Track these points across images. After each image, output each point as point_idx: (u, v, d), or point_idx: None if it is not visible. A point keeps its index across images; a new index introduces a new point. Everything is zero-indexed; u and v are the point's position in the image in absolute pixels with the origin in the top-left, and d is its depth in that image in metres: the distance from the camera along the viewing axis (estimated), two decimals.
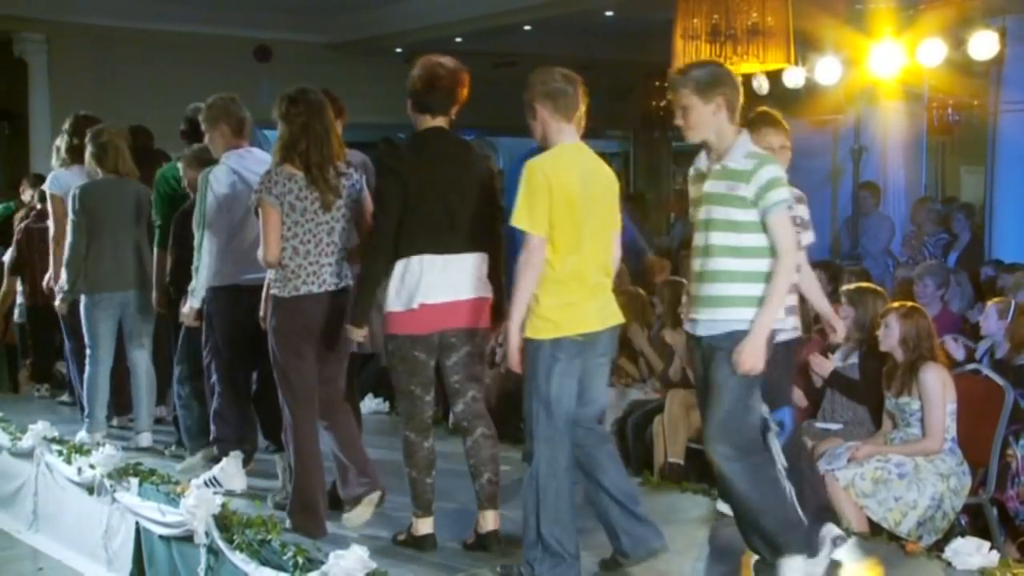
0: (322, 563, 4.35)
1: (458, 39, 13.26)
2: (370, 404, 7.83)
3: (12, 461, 7.16)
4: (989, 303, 6.57)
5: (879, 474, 5.30)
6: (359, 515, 5.01)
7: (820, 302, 4.98)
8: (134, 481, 5.82)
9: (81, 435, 6.82)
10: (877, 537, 5.07)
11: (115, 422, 7.19)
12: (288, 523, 5.02)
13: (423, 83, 4.76)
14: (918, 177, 12.32)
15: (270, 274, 5.05)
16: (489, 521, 4.78)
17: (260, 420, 5.82)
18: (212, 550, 4.99)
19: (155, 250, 6.59)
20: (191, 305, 5.82)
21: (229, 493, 5.53)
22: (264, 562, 4.67)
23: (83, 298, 6.88)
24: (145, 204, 6.83)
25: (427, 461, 4.79)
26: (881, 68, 9.83)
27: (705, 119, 4.19)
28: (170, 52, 12.95)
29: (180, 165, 6.45)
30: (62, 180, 7.32)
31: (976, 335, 6.80)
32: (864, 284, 6.47)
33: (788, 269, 4.15)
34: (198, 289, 5.74)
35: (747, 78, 9.64)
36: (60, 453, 6.59)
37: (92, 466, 6.11)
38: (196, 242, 5.73)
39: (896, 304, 5.72)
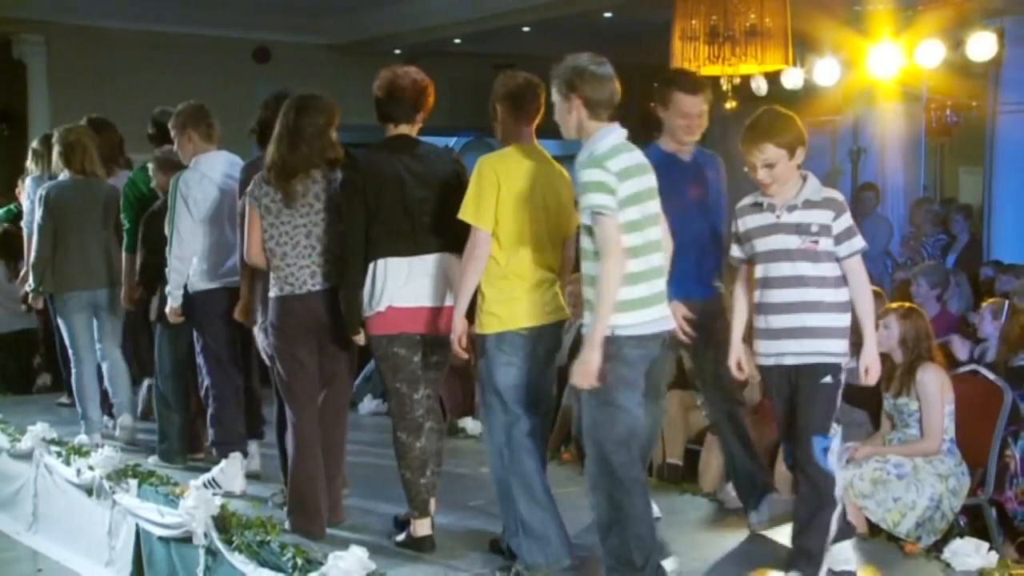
0: (321, 564, 4.35)
1: (457, 40, 13.26)
2: (368, 405, 7.83)
3: (11, 463, 7.15)
4: (984, 304, 6.57)
5: (878, 475, 5.29)
6: None
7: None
8: (133, 483, 5.82)
9: (81, 437, 6.85)
10: (876, 538, 5.07)
11: (109, 423, 7.19)
12: (287, 524, 5.02)
13: (384, 93, 4.86)
14: (917, 178, 12.32)
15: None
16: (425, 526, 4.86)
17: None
18: (211, 551, 4.98)
19: (123, 253, 6.72)
20: (171, 305, 5.97)
21: (228, 495, 5.56)
22: (263, 563, 4.66)
23: (52, 299, 7.03)
24: (113, 204, 6.88)
25: (420, 461, 4.81)
26: (879, 69, 9.84)
27: None
28: (169, 53, 12.95)
29: (150, 167, 6.55)
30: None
31: (976, 336, 6.79)
32: None
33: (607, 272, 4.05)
34: (172, 289, 5.94)
35: (745, 79, 9.66)
36: (59, 455, 6.58)
37: (91, 467, 6.11)
38: (168, 246, 5.90)
39: (895, 305, 5.72)
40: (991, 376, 5.78)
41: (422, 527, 4.83)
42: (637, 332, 4.12)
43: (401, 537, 4.91)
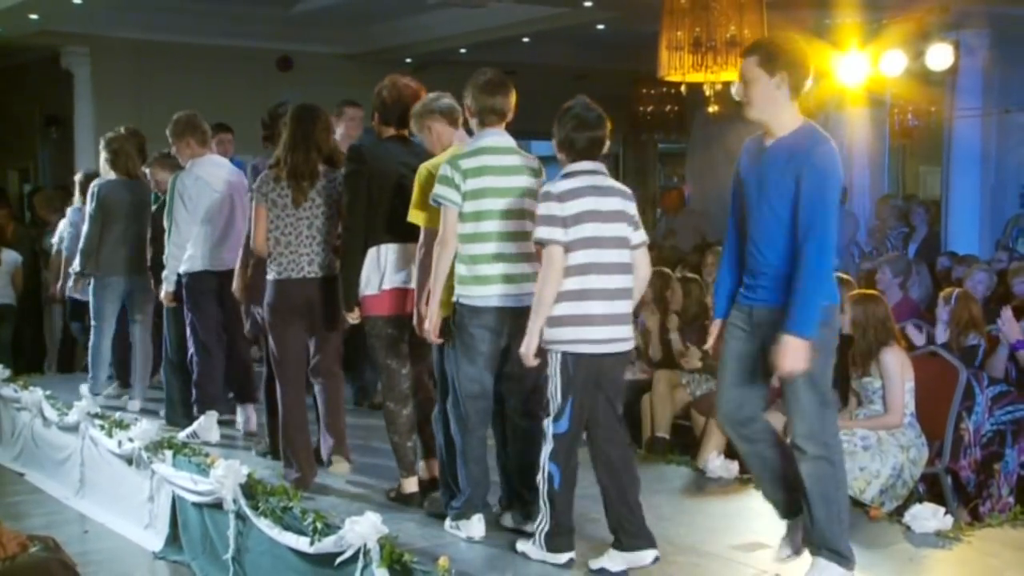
0: (339, 528, 4.35)
1: (462, 50, 13.22)
2: None
3: (60, 434, 7.17)
4: (942, 292, 6.55)
5: (845, 447, 5.26)
6: (339, 468, 5.39)
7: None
8: (168, 453, 5.82)
9: (83, 388, 7.15)
10: None
11: (113, 390, 7.50)
12: (282, 477, 5.24)
13: (391, 99, 5.00)
14: (881, 176, 12.31)
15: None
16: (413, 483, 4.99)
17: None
18: (239, 516, 5.00)
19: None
20: (166, 290, 6.34)
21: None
22: (286, 527, 4.67)
23: (93, 280, 7.24)
24: (148, 202, 7.08)
25: (407, 427, 4.96)
26: (847, 77, 9.82)
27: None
28: (201, 62, 12.92)
29: (146, 170, 6.87)
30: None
31: (933, 320, 6.78)
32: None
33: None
34: (168, 274, 6.29)
35: (727, 85, 9.63)
36: (102, 427, 6.58)
37: (131, 439, 6.11)
38: (167, 236, 6.24)
39: (853, 292, 5.71)
40: (948, 356, 5.78)
41: (410, 484, 4.97)
42: (471, 304, 4.29)
43: (393, 495, 5.03)
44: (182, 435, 6.19)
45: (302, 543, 4.52)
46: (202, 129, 6.40)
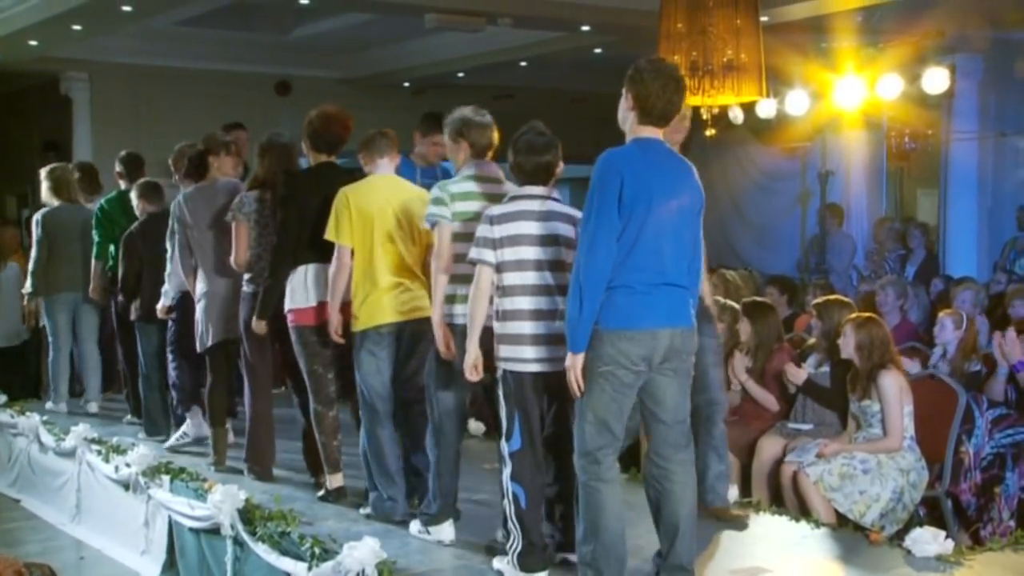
0: (337, 553, 4.32)
1: (460, 74, 13.26)
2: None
3: (56, 459, 7.13)
4: (942, 314, 6.54)
5: (845, 470, 5.27)
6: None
7: None
8: (166, 478, 5.79)
9: (49, 404, 7.83)
10: (844, 528, 5.04)
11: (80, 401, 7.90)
12: (244, 470, 5.79)
13: (322, 128, 5.36)
14: (879, 199, 12.34)
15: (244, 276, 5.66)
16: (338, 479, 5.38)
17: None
18: (237, 541, 4.96)
19: (94, 260, 7.48)
20: (163, 303, 6.59)
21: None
22: (284, 552, 4.64)
23: (44, 300, 7.85)
24: (89, 224, 7.56)
25: (332, 427, 5.32)
26: (845, 100, 9.86)
27: None
28: (199, 87, 12.96)
29: (133, 195, 7.14)
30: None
31: (931, 342, 6.77)
32: (832, 296, 6.46)
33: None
34: (169, 291, 6.54)
35: (724, 109, 9.65)
36: (99, 452, 6.56)
37: (128, 464, 6.08)
38: (168, 255, 6.51)
39: (853, 315, 5.70)
40: (948, 380, 5.77)
41: (336, 480, 5.35)
42: (458, 323, 4.41)
43: (322, 492, 5.38)
44: (172, 440, 6.56)
45: (300, 568, 4.48)
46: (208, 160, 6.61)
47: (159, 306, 6.63)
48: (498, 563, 4.30)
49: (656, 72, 3.91)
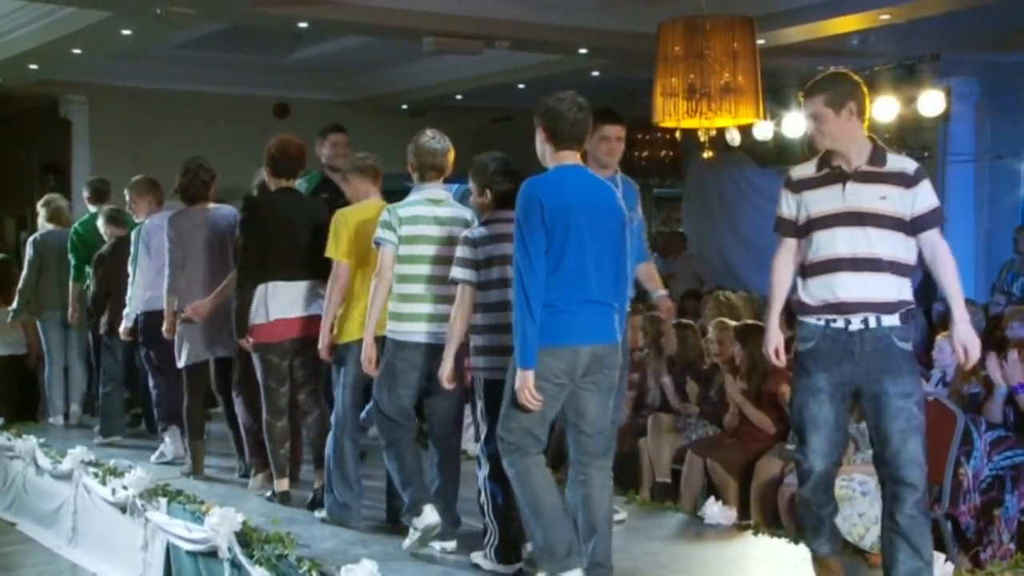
0: None
1: (458, 96, 13.30)
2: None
3: (53, 482, 7.11)
4: (940, 338, 6.52)
5: (844, 492, 5.24)
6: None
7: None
8: (163, 501, 5.77)
9: (50, 419, 8.40)
10: (843, 551, 5.01)
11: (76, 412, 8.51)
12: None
13: (280, 155, 5.72)
14: None
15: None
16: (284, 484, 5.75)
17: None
18: (235, 564, 4.94)
19: (71, 281, 8.07)
20: (125, 326, 7.03)
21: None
22: (282, 575, 4.62)
23: (38, 320, 8.44)
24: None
25: (281, 436, 5.69)
26: None
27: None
28: (198, 110, 12.99)
29: (100, 222, 7.73)
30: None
31: (930, 365, 6.76)
32: None
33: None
34: (131, 313, 6.96)
35: (721, 131, 9.69)
36: (96, 475, 6.53)
37: (125, 487, 6.06)
38: (130, 279, 6.96)
39: None
40: (946, 402, 5.76)
41: (282, 484, 5.73)
42: (395, 337, 4.75)
43: (269, 494, 5.76)
44: (153, 458, 6.88)
45: None
46: (159, 190, 7.21)
47: (121, 328, 7.08)
48: (476, 557, 4.62)
49: (559, 100, 4.18)
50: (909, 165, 4.07)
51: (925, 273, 10.66)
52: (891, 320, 3.97)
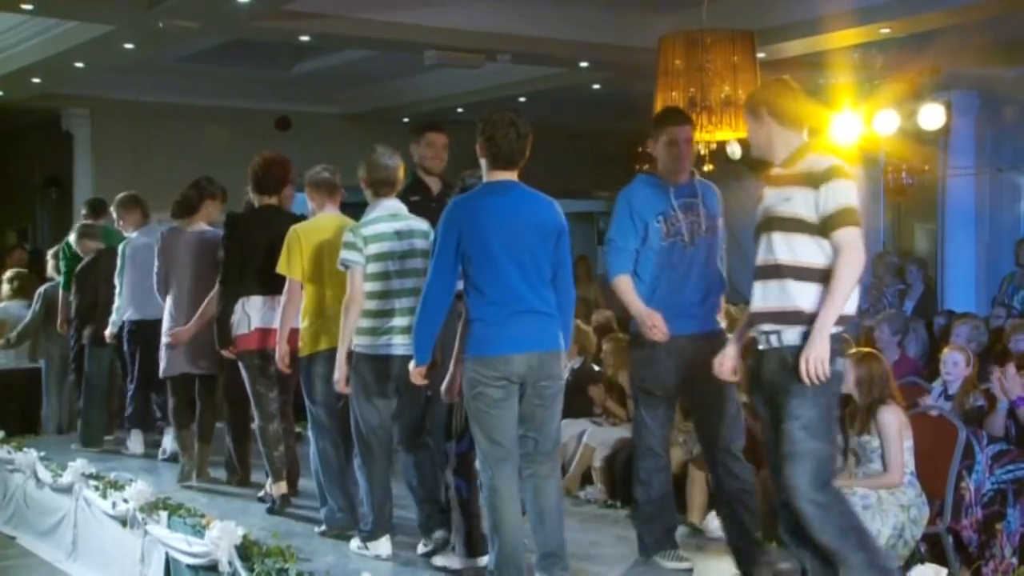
0: None
1: (459, 109, 13.33)
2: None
3: (53, 496, 7.10)
4: (948, 350, 6.49)
5: None
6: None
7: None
8: (163, 514, 5.76)
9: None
10: None
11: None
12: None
13: (263, 172, 5.89)
14: (876, 233, 12.35)
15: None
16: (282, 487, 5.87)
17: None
18: None
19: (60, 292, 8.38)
20: (110, 331, 7.36)
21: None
22: None
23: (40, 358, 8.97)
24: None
25: (275, 439, 5.81)
26: (841, 136, 9.88)
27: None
28: (200, 123, 13.02)
29: (73, 237, 8.01)
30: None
31: (931, 378, 6.75)
32: None
33: None
34: (117, 320, 7.28)
35: (721, 144, 9.70)
36: (97, 488, 6.52)
37: (126, 500, 6.05)
38: (116, 290, 7.24)
39: (852, 351, 5.67)
40: (948, 415, 5.75)
41: (279, 488, 5.81)
42: (366, 352, 4.88)
43: (268, 503, 5.84)
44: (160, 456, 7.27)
45: None
46: (146, 206, 7.52)
47: (107, 332, 7.39)
48: (441, 560, 4.75)
49: (499, 121, 4.26)
50: (819, 164, 4.08)
51: (925, 286, 10.65)
52: (792, 338, 3.94)
